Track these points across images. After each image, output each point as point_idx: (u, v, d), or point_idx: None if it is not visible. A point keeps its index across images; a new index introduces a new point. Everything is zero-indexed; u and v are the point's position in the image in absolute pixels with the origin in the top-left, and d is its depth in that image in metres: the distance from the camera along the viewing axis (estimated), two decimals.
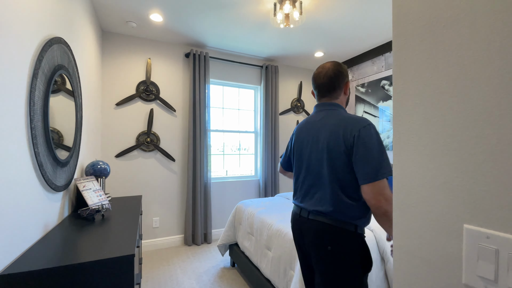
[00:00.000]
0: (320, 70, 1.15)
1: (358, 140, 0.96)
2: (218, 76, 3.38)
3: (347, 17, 2.49)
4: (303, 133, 1.16)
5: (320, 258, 1.02)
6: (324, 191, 1.03)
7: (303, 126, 1.18)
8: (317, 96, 1.19)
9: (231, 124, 3.59)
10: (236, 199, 3.48)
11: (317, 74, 1.15)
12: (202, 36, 2.93)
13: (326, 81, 1.13)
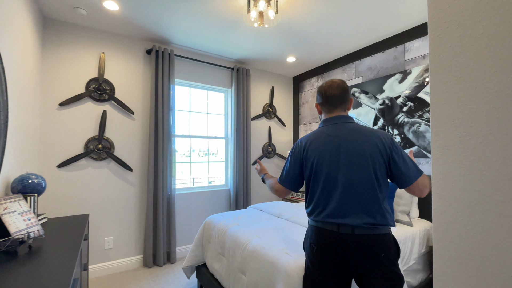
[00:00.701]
0: (331, 83, 1.18)
1: (393, 149, 1.08)
2: (184, 77, 3.09)
3: (321, 22, 2.43)
4: (321, 147, 1.13)
5: (375, 267, 1.03)
6: (368, 203, 1.05)
7: (321, 140, 1.15)
8: (327, 108, 1.20)
9: (199, 129, 3.31)
10: (204, 211, 3.18)
11: (329, 86, 1.18)
12: (167, 31, 2.63)
13: (339, 92, 1.17)
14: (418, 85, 2.51)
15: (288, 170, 1.23)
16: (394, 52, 2.76)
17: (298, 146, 1.23)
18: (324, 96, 1.19)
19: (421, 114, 2.49)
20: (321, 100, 1.21)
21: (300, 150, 1.20)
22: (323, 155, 1.11)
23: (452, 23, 0.40)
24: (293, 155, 1.23)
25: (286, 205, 2.47)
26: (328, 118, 1.19)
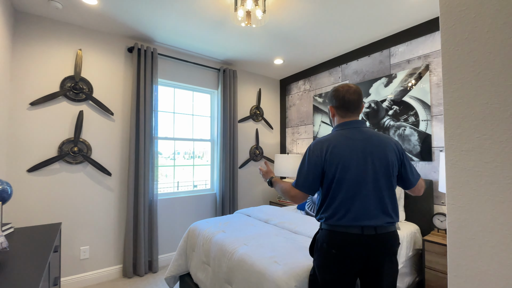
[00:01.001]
0: (348, 88, 1.21)
1: (404, 155, 1.21)
2: (168, 77, 2.97)
3: (309, 24, 2.41)
4: (346, 151, 1.14)
5: (389, 260, 1.14)
6: (389, 204, 1.13)
7: (343, 143, 1.15)
8: (343, 113, 1.22)
9: (184, 131, 3.19)
10: (189, 217, 3.06)
11: (346, 91, 1.20)
12: (150, 29, 2.52)
13: (356, 97, 1.21)
14: (403, 89, 2.55)
15: (306, 174, 1.17)
16: (379, 56, 2.79)
17: (317, 149, 1.17)
18: (341, 100, 1.20)
19: (406, 117, 2.53)
20: (337, 103, 1.22)
21: (321, 153, 1.16)
22: (349, 158, 1.12)
23: (468, 11, 0.35)
24: (312, 158, 1.17)
25: (273, 210, 2.41)
26: (345, 122, 1.21)
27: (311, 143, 1.22)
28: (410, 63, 2.53)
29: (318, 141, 1.20)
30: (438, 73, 2.32)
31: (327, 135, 1.22)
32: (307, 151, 1.20)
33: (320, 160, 1.15)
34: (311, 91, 3.57)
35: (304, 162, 1.19)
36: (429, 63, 2.37)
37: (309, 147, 1.21)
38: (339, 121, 1.24)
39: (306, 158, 1.19)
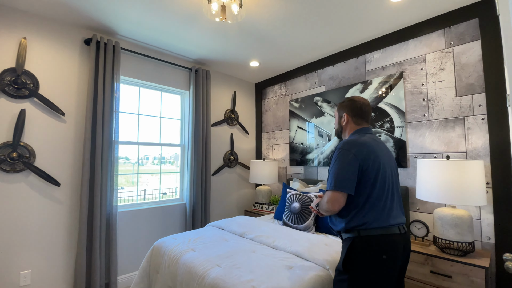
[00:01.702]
0: (363, 100, 1.37)
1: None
2: (133, 74, 2.67)
3: (286, 25, 2.31)
4: (380, 154, 1.21)
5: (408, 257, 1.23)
6: (402, 204, 1.25)
7: (375, 147, 1.21)
8: (358, 120, 1.35)
9: (150, 134, 2.89)
10: (154, 231, 2.74)
11: (364, 102, 1.37)
12: (112, 20, 2.23)
13: (369, 109, 1.39)
14: (378, 95, 2.55)
15: (346, 173, 1.13)
16: (355, 63, 2.78)
17: (361, 152, 1.16)
18: (359, 109, 1.34)
19: (382, 124, 2.53)
20: (354, 112, 1.35)
21: (361, 154, 1.16)
22: (383, 161, 1.20)
23: None
24: (351, 158, 1.15)
25: (249, 221, 2.23)
26: (363, 128, 1.33)
27: (345, 144, 1.20)
28: (385, 70, 2.54)
29: (356, 143, 1.19)
30: (412, 81, 2.34)
31: (357, 137, 1.25)
32: (345, 152, 1.17)
33: (363, 162, 1.15)
34: (287, 95, 3.49)
35: (344, 163, 1.15)
36: (403, 71, 2.40)
37: (347, 149, 1.18)
38: (354, 128, 1.35)
39: (340, 158, 1.17)
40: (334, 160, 1.19)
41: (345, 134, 1.39)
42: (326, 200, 1.15)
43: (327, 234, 2.06)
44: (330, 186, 1.14)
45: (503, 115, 1.83)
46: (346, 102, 1.40)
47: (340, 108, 1.43)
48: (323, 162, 2.98)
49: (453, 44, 2.11)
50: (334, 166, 1.17)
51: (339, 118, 1.42)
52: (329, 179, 1.17)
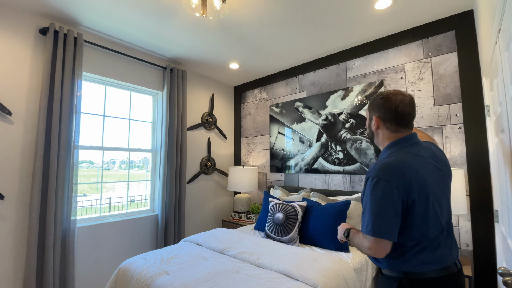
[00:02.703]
0: (402, 97, 0.98)
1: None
2: (98, 71, 2.38)
3: (270, 26, 2.21)
4: (421, 179, 0.90)
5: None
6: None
7: (416, 170, 0.91)
8: (393, 127, 1.00)
9: (117, 138, 2.60)
10: (120, 248, 2.44)
11: (401, 100, 0.97)
12: (74, 8, 1.95)
13: (412, 109, 0.99)
14: (359, 103, 2.55)
15: (385, 214, 0.87)
16: (336, 69, 2.77)
17: (397, 178, 0.88)
18: (393, 112, 0.97)
19: (363, 131, 2.52)
20: (387, 115, 0.99)
21: (402, 185, 0.88)
22: (431, 182, 0.92)
23: None
24: (390, 192, 0.87)
25: (228, 235, 2.06)
26: (404, 139, 0.99)
27: (379, 171, 0.90)
28: (366, 78, 2.55)
29: (394, 168, 0.90)
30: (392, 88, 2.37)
31: (393, 156, 0.95)
32: (380, 183, 0.89)
33: (407, 196, 0.88)
34: (267, 100, 3.39)
35: (381, 199, 0.88)
36: (384, 79, 2.42)
37: (382, 178, 0.89)
38: (390, 136, 1.01)
39: (382, 194, 0.88)
40: (368, 192, 0.91)
41: (379, 142, 1.07)
42: (367, 246, 0.90)
43: (312, 246, 1.96)
44: (367, 230, 0.89)
45: (479, 124, 1.89)
46: (377, 99, 1.02)
47: (370, 107, 1.07)
48: (304, 169, 2.92)
49: (431, 54, 2.16)
50: (368, 201, 0.91)
51: (369, 121, 1.09)
52: (365, 218, 0.91)
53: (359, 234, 0.96)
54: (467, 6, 1.93)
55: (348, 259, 1.68)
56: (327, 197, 2.46)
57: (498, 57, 1.09)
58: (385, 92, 1.02)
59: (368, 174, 0.94)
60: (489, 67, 1.41)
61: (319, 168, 2.80)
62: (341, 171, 2.64)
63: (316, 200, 2.32)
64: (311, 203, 2.14)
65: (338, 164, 2.66)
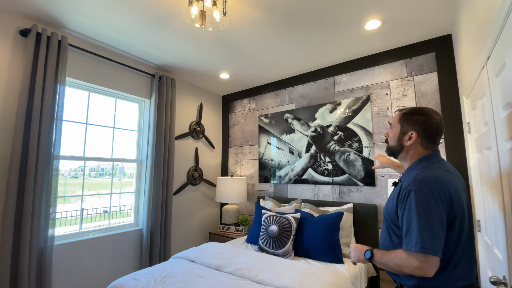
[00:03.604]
0: (440, 117, 1.02)
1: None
2: (82, 76, 2.25)
3: (264, 40, 2.24)
4: (459, 194, 0.91)
5: None
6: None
7: (454, 186, 0.91)
8: (429, 144, 1.02)
9: (100, 148, 2.45)
10: (102, 266, 2.26)
11: (440, 120, 1.02)
12: (61, 10, 1.84)
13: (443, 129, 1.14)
14: (347, 116, 2.65)
15: (438, 230, 0.84)
16: (325, 83, 2.87)
17: (442, 192, 0.87)
18: (435, 130, 1.00)
19: (351, 143, 2.61)
20: (429, 133, 1.00)
21: (446, 200, 0.87)
22: (463, 198, 0.93)
23: None
24: (436, 206, 0.85)
25: (222, 249, 2.00)
26: (433, 155, 1.01)
27: (424, 185, 0.88)
28: (353, 92, 2.66)
29: (433, 180, 0.89)
30: (378, 104, 2.49)
31: (428, 170, 0.94)
32: (427, 197, 0.87)
33: (450, 211, 0.88)
34: (256, 110, 3.41)
35: (429, 213, 0.85)
36: (370, 94, 2.54)
37: (428, 192, 0.87)
38: (421, 152, 1.02)
39: (430, 208, 0.85)
40: (413, 207, 0.88)
41: (405, 157, 1.07)
42: (416, 266, 0.84)
43: (307, 258, 1.96)
44: (417, 248, 0.84)
45: (458, 139, 2.04)
46: (417, 115, 1.02)
47: (406, 120, 1.05)
48: (294, 180, 2.94)
49: (413, 73, 2.32)
50: (414, 216, 0.87)
51: (401, 134, 1.05)
52: (412, 234, 0.87)
53: (397, 253, 0.91)
54: (446, 31, 2.11)
55: (344, 271, 1.70)
56: (318, 207, 2.49)
57: (485, 81, 1.19)
58: (423, 109, 1.03)
59: (409, 188, 0.91)
60: (471, 88, 1.54)
61: (308, 178, 2.84)
62: (330, 181, 2.69)
63: (308, 211, 2.34)
64: (304, 214, 2.15)
65: (327, 175, 2.72)
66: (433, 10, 1.84)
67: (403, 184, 0.97)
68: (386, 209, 1.05)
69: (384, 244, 1.04)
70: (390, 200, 1.05)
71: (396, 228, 0.98)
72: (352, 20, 1.96)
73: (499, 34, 0.93)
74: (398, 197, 0.97)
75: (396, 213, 0.97)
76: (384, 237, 1.05)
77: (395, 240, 0.98)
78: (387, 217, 1.03)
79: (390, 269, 0.93)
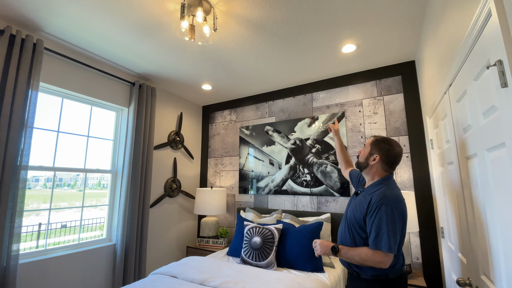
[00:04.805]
0: (400, 150, 1.29)
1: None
2: (56, 82, 2.13)
3: (250, 55, 2.33)
4: (405, 204, 1.23)
5: None
6: None
7: (403, 197, 1.24)
8: (387, 168, 1.29)
9: (71, 157, 2.30)
10: (71, 286, 2.07)
11: (399, 153, 1.28)
12: (38, 12, 1.75)
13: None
14: (324, 130, 2.81)
15: (396, 235, 1.14)
16: (303, 99, 3.03)
17: (404, 207, 1.20)
18: (393, 159, 1.27)
19: (327, 156, 2.76)
20: (388, 159, 1.27)
21: (403, 214, 1.18)
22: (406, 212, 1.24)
23: None
24: (398, 219, 1.16)
25: (204, 263, 1.95)
26: (390, 176, 1.29)
27: (392, 202, 1.17)
28: (330, 109, 2.84)
29: (399, 201, 1.19)
30: (352, 120, 2.69)
31: (390, 187, 1.23)
32: (394, 212, 1.16)
33: (403, 223, 1.18)
34: (237, 122, 3.45)
35: (395, 224, 1.14)
36: (345, 111, 2.74)
37: (394, 207, 1.16)
38: (382, 173, 1.30)
39: (395, 220, 1.15)
40: (384, 218, 1.14)
41: (368, 173, 1.34)
42: (379, 260, 1.13)
43: (289, 269, 2.00)
44: (386, 248, 1.11)
45: (423, 154, 2.28)
46: (384, 144, 1.29)
47: (375, 145, 1.31)
48: (274, 190, 3.00)
49: (383, 93, 2.56)
50: (384, 225, 1.13)
51: (369, 155, 1.31)
52: (382, 237, 1.13)
53: (362, 250, 1.18)
54: (410, 57, 2.38)
55: (325, 279, 1.77)
56: (298, 218, 2.57)
57: (447, 105, 1.38)
58: (391, 141, 1.31)
59: (381, 202, 1.17)
60: (434, 109, 1.75)
61: (288, 189, 2.92)
62: (308, 192, 2.80)
63: (289, 221, 2.40)
64: (286, 225, 2.20)
65: (306, 186, 2.83)
66: (399, 39, 2.08)
67: (372, 198, 1.22)
68: (354, 215, 1.29)
69: (345, 243, 1.30)
70: (357, 208, 1.29)
71: (362, 232, 1.23)
72: (331, 43, 2.14)
73: (462, 65, 1.10)
74: (368, 207, 1.22)
75: (364, 220, 1.22)
76: (345, 237, 1.31)
77: (358, 240, 1.24)
78: (354, 221, 1.27)
79: (354, 261, 1.20)
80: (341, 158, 1.77)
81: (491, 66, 0.77)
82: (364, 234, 1.22)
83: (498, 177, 0.84)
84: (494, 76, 0.78)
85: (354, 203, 1.33)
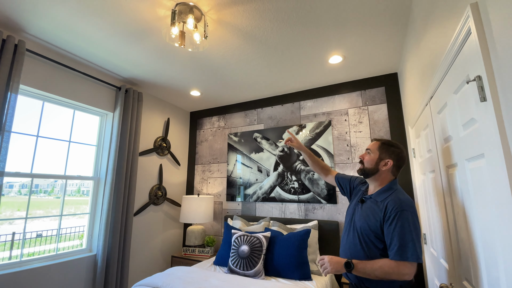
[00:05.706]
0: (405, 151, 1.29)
1: None
2: (38, 85, 2.04)
3: (240, 63, 2.35)
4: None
5: None
6: None
7: None
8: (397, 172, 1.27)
9: (50, 163, 2.19)
10: None
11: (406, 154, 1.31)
12: (21, 12, 1.68)
13: None
14: (311, 138, 2.86)
15: (420, 242, 1.06)
16: (291, 107, 3.07)
17: (415, 210, 1.14)
18: (403, 161, 1.26)
19: None
20: (400, 163, 1.25)
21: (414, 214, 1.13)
22: None
23: None
24: (418, 222, 1.11)
25: (191, 274, 1.90)
26: (397, 180, 1.27)
27: (411, 207, 1.11)
28: (317, 117, 2.90)
29: (412, 203, 1.14)
30: (338, 129, 2.75)
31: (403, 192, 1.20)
32: (415, 216, 1.10)
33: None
34: (226, 128, 3.44)
35: (418, 229, 1.08)
36: (331, 119, 2.81)
37: (413, 211, 1.10)
38: (390, 177, 1.26)
39: (417, 224, 1.09)
40: (407, 224, 1.06)
41: (377, 179, 1.26)
42: (406, 272, 1.02)
43: (277, 277, 1.99)
44: (414, 257, 1.02)
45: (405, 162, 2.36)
46: (393, 147, 1.24)
47: (384, 150, 1.25)
48: (262, 198, 2.99)
49: (367, 103, 2.65)
50: (408, 232, 1.05)
51: (378, 160, 1.23)
52: (408, 248, 1.03)
53: (384, 263, 1.06)
54: (393, 69, 2.49)
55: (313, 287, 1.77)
56: (286, 225, 2.56)
57: (429, 116, 1.45)
58: (396, 142, 1.29)
59: (401, 208, 1.10)
60: (416, 120, 1.84)
61: (276, 197, 2.92)
62: (296, 199, 2.81)
63: (277, 229, 2.40)
64: (274, 233, 2.20)
65: (294, 193, 2.84)
66: (382, 52, 2.18)
67: (388, 204, 1.13)
68: (367, 224, 1.17)
69: (357, 256, 1.16)
70: (369, 217, 1.17)
71: (379, 242, 1.12)
72: (319, 54, 2.20)
73: (442, 79, 1.16)
74: (385, 215, 1.13)
75: (382, 229, 1.11)
76: (357, 250, 1.17)
77: (374, 252, 1.12)
78: (368, 231, 1.15)
79: (373, 276, 1.07)
80: (317, 167, 1.68)
81: (471, 81, 0.82)
82: (381, 244, 1.12)
83: (478, 186, 0.88)
84: (473, 90, 0.83)
85: (364, 211, 1.22)
